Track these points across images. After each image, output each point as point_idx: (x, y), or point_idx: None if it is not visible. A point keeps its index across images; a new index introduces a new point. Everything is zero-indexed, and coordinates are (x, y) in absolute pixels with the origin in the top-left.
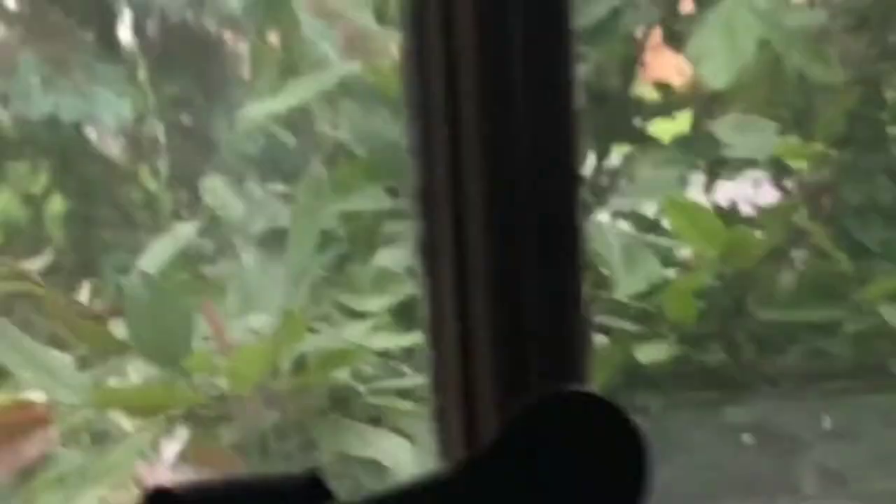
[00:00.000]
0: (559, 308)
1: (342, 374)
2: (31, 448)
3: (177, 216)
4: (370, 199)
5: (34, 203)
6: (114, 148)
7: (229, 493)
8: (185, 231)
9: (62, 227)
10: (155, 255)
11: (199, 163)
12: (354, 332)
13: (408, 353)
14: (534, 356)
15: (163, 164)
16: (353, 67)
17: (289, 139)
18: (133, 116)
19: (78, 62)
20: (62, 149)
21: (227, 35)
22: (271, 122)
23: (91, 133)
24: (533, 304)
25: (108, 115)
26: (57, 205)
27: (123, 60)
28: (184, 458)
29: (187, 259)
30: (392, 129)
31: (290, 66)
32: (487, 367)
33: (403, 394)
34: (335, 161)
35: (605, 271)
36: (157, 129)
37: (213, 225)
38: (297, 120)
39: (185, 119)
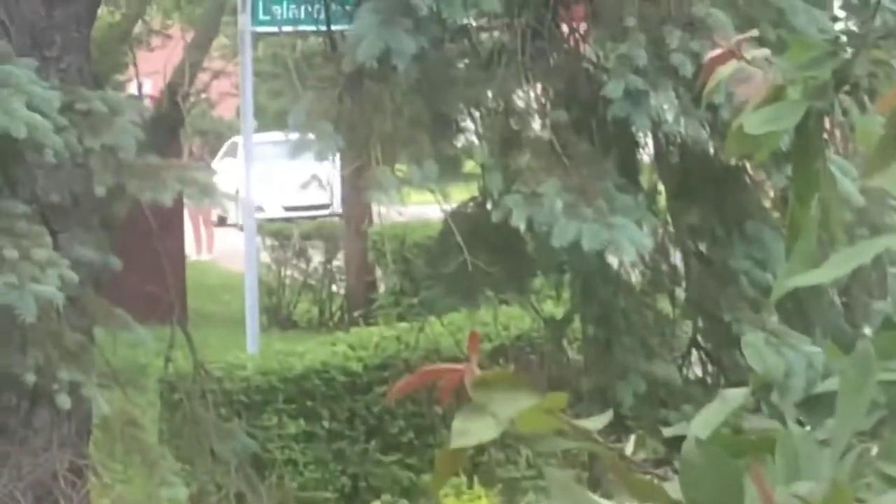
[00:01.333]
0: None
1: None
2: None
3: (695, 343)
4: None
5: (556, 324)
6: (633, 274)
7: None
8: (735, 395)
9: (582, 350)
10: (707, 420)
11: (717, 293)
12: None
13: None
14: None
15: (681, 292)
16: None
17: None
18: (652, 244)
19: (599, 190)
20: (584, 274)
21: (749, 166)
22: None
23: (611, 259)
24: None
25: (628, 243)
26: (576, 328)
27: (643, 189)
28: None
29: (731, 416)
30: None
31: (828, 231)
32: None
33: None
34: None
35: None
36: (676, 258)
37: (754, 382)
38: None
39: (704, 248)
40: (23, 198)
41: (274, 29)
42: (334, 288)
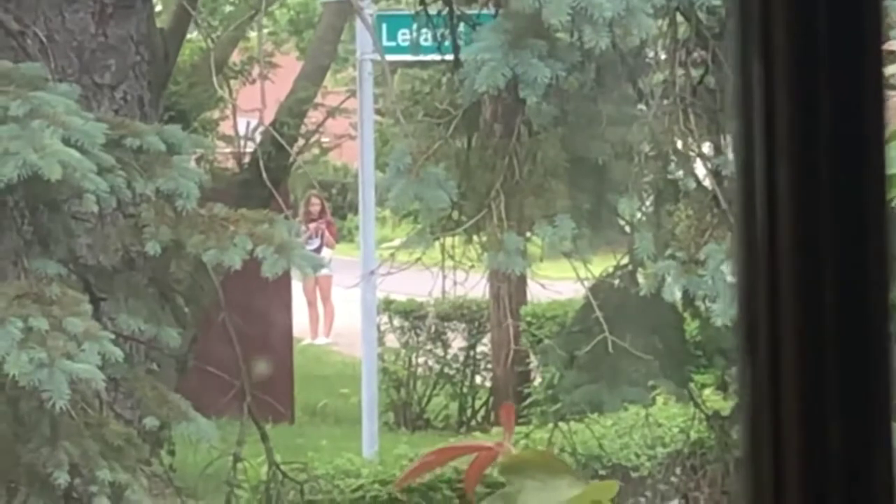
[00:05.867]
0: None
1: None
2: None
3: None
4: None
5: (721, 422)
6: None
7: None
8: None
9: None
10: None
11: None
12: None
13: None
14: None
15: None
16: None
17: None
18: None
19: None
20: None
21: None
22: None
23: None
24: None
25: None
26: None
27: None
28: None
29: None
30: None
31: None
32: None
33: None
34: None
35: None
36: None
37: None
38: None
39: None
40: (57, 256)
41: (398, 57)
42: (478, 380)
